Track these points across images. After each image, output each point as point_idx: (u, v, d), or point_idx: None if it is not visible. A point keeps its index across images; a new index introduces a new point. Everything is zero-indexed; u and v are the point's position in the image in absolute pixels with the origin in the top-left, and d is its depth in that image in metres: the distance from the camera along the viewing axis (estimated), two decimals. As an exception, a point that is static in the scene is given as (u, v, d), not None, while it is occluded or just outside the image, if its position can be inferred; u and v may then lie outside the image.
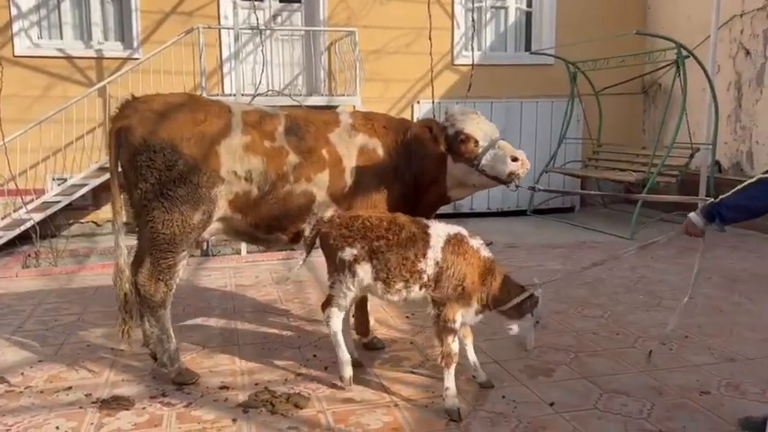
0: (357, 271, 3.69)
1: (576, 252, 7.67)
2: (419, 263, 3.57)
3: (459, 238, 3.63)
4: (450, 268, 3.54)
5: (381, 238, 3.65)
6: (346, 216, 3.86)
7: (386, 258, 3.62)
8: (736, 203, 3.02)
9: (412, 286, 3.62)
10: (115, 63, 9.49)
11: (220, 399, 3.78)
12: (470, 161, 4.08)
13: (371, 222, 3.72)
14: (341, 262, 3.73)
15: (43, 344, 4.77)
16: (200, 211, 3.94)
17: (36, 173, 9.15)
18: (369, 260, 3.67)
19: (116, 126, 3.93)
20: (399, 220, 3.74)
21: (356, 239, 3.69)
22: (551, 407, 3.62)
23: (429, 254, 3.57)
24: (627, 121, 11.56)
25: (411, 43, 10.41)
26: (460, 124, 4.12)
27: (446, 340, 3.55)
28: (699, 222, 3.18)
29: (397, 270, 3.60)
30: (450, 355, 3.54)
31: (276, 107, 4.52)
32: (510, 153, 4.02)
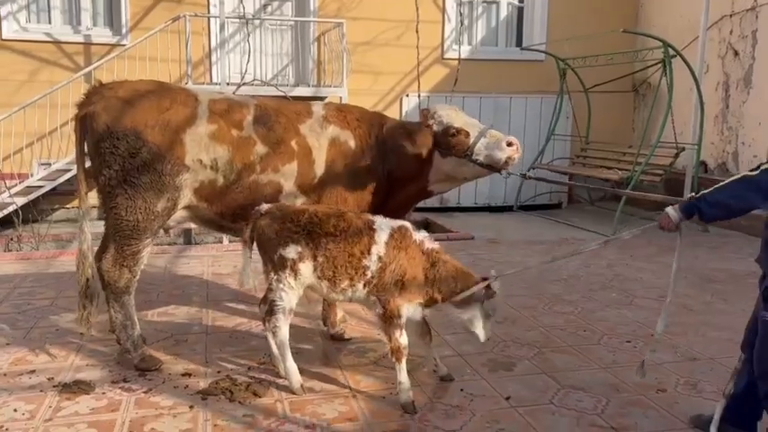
0: (300, 269, 3.54)
1: (557, 248, 7.69)
2: (364, 259, 3.50)
3: (402, 232, 3.58)
4: (392, 263, 3.49)
5: (329, 235, 3.52)
6: (291, 210, 3.69)
7: (333, 256, 3.51)
8: (717, 200, 2.93)
9: (357, 284, 3.54)
10: (104, 49, 9.49)
11: (181, 385, 3.81)
12: (463, 153, 4.11)
13: (319, 218, 3.58)
14: (281, 258, 3.56)
15: (13, 327, 4.79)
16: (164, 199, 3.96)
17: (21, 157, 9.13)
18: (314, 258, 3.53)
19: (81, 112, 3.94)
20: (347, 216, 3.65)
21: (302, 235, 3.53)
22: (507, 401, 3.65)
23: (373, 249, 3.51)
24: (617, 119, 11.56)
25: (401, 36, 10.39)
26: (447, 119, 4.15)
27: (394, 335, 3.51)
28: (675, 217, 3.09)
29: (342, 268, 3.51)
30: (400, 350, 3.51)
31: (251, 97, 4.52)
32: (504, 138, 4.05)
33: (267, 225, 3.60)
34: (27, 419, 3.37)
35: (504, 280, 3.54)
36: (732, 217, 3.06)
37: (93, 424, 3.34)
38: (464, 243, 8.13)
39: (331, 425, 3.36)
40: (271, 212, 3.66)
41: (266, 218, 3.63)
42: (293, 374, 3.70)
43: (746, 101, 9.22)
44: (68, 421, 3.36)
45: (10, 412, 3.45)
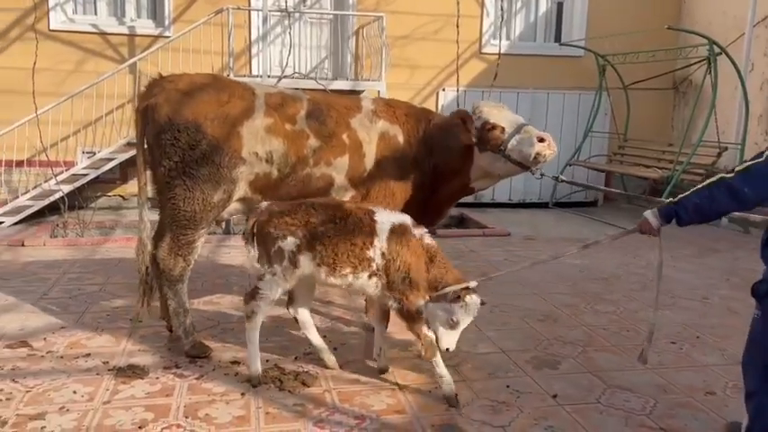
0: (299, 260, 3.58)
1: (596, 247, 7.62)
2: (367, 250, 3.53)
3: (403, 228, 3.60)
4: (397, 259, 3.52)
5: (327, 223, 3.56)
6: (287, 204, 3.74)
7: (333, 243, 3.54)
8: (694, 204, 2.87)
9: (360, 273, 3.56)
10: (146, 40, 9.64)
11: (231, 373, 3.90)
12: (497, 148, 4.11)
13: (315, 208, 3.64)
14: (279, 251, 3.59)
15: (66, 311, 4.94)
16: (220, 191, 4.04)
17: (67, 145, 9.36)
18: (311, 248, 3.57)
19: (143, 104, 4.03)
20: (345, 206, 3.70)
21: (299, 227, 3.58)
22: (554, 399, 3.67)
23: (376, 242, 3.54)
24: (656, 116, 11.41)
25: (439, 30, 10.38)
26: (486, 115, 4.16)
27: (421, 332, 3.53)
28: (654, 222, 3.02)
29: (344, 255, 3.54)
30: (432, 344, 3.52)
31: (300, 90, 4.58)
32: (536, 135, 4.04)
33: (266, 222, 3.64)
34: (86, 401, 3.49)
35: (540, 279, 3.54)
36: (708, 220, 3.00)
37: (149, 408, 3.44)
38: (500, 239, 8.13)
39: (379, 417, 3.41)
40: (269, 209, 3.71)
41: (265, 214, 3.67)
42: (254, 361, 3.74)
43: (793, 100, 9.02)
44: (126, 404, 3.47)
45: (69, 394, 3.57)
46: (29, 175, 8.97)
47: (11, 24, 9.18)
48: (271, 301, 3.70)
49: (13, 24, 9.18)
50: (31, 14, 8.91)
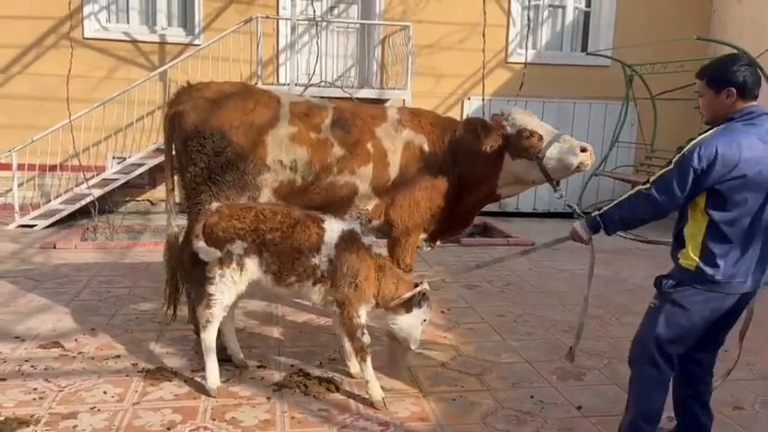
0: (246, 264, 3.60)
1: (620, 258, 7.59)
2: (312, 258, 3.56)
3: (352, 235, 3.63)
4: (344, 265, 3.54)
5: (275, 231, 3.58)
6: (237, 207, 3.74)
7: (278, 251, 3.57)
8: (618, 216, 3.00)
9: (305, 281, 3.60)
10: (177, 48, 9.80)
11: (257, 377, 3.95)
12: (533, 156, 4.12)
13: (264, 215, 3.63)
14: (227, 254, 3.60)
15: (96, 313, 5.04)
16: (245, 197, 4.11)
17: (98, 150, 9.55)
18: (259, 253, 3.59)
19: (171, 111, 4.13)
20: (294, 213, 3.68)
21: (248, 232, 3.58)
22: (579, 410, 3.65)
23: (322, 249, 3.56)
24: (683, 127, 11.20)
25: (465, 39, 10.39)
26: (521, 122, 4.18)
27: (356, 335, 3.58)
28: (584, 234, 3.15)
29: (289, 264, 3.57)
30: (364, 349, 3.57)
31: (325, 99, 4.64)
32: (578, 144, 4.05)
33: (215, 223, 3.64)
34: (116, 402, 3.57)
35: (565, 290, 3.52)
36: (633, 228, 3.25)
37: (177, 410, 3.50)
38: (525, 249, 8.08)
39: (404, 424, 3.44)
40: (219, 211, 3.70)
41: (215, 216, 3.67)
42: (213, 373, 3.70)
43: (826, 112, 8.85)
44: (154, 406, 3.54)
45: (100, 394, 3.65)
46: (61, 179, 9.17)
47: (46, 32, 9.41)
48: (225, 306, 3.68)
49: (49, 32, 9.41)
50: (66, 23, 9.15)
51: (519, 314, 5.37)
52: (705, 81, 2.86)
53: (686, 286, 2.89)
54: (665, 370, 2.99)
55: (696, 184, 2.75)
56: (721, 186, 2.73)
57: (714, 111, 2.86)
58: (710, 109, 2.88)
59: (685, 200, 2.83)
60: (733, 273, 2.82)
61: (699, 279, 2.85)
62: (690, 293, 2.89)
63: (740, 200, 2.75)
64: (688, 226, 2.91)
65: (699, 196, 2.81)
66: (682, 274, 2.91)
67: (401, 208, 4.44)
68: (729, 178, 2.71)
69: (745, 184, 2.72)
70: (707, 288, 2.86)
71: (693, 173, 2.72)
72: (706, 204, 2.80)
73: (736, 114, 2.79)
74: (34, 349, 4.27)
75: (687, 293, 2.89)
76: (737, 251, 2.82)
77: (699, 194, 2.80)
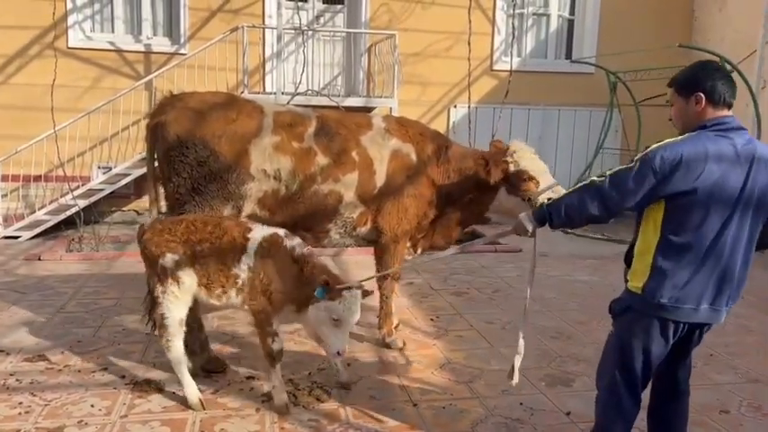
0: (181, 277, 3.54)
1: (608, 264, 7.63)
2: (234, 267, 3.52)
3: (271, 241, 3.55)
4: (260, 272, 3.49)
5: (204, 242, 3.53)
6: (169, 221, 3.71)
7: (206, 263, 3.53)
8: (564, 206, 2.75)
9: (229, 291, 3.56)
10: (162, 58, 9.78)
11: (246, 388, 3.93)
12: (526, 197, 4.26)
13: (195, 226, 3.58)
14: (162, 270, 3.55)
15: (82, 326, 5.00)
16: (229, 206, 4.12)
17: (83, 161, 9.48)
18: (191, 265, 3.54)
19: (153, 121, 4.13)
20: (224, 224, 3.63)
21: (179, 244, 3.54)
22: (568, 416, 3.67)
23: (243, 258, 3.51)
24: (666, 133, 11.31)
25: (450, 47, 10.46)
26: (524, 163, 4.28)
27: (266, 342, 3.55)
28: (529, 225, 2.90)
29: (215, 275, 3.54)
30: (272, 355, 3.54)
31: (310, 108, 4.66)
32: None
33: (148, 239, 3.60)
34: (104, 415, 3.54)
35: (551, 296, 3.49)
36: (577, 225, 2.88)
37: (166, 422, 3.48)
38: (512, 255, 8.13)
39: (394, 433, 3.44)
40: (152, 226, 3.67)
41: (148, 232, 3.63)
42: (191, 389, 3.65)
43: (805, 118, 8.99)
44: (143, 418, 3.51)
45: (87, 407, 3.62)
46: (46, 189, 9.09)
47: (30, 42, 9.35)
48: (178, 321, 3.60)
49: (33, 42, 9.35)
50: (50, 33, 9.10)
51: (507, 321, 5.39)
52: (675, 88, 2.73)
53: (634, 312, 2.71)
54: (627, 403, 2.81)
55: (653, 190, 2.54)
56: (681, 199, 2.53)
57: (684, 119, 2.70)
58: (681, 118, 2.72)
59: (638, 205, 2.61)
60: (680, 296, 2.59)
61: (646, 303, 2.64)
62: (638, 319, 2.70)
63: (700, 216, 2.53)
64: (638, 243, 2.71)
65: (656, 209, 2.61)
66: (630, 298, 2.73)
67: (390, 215, 4.47)
68: (690, 189, 2.50)
69: (707, 198, 2.51)
70: (654, 313, 2.64)
71: (653, 175, 2.52)
72: (663, 218, 2.58)
73: (707, 123, 2.60)
74: (19, 363, 4.23)
75: (635, 319, 2.71)
76: (687, 272, 2.58)
77: (655, 203, 2.59)
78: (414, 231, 4.58)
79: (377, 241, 4.57)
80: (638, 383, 2.81)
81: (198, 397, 3.65)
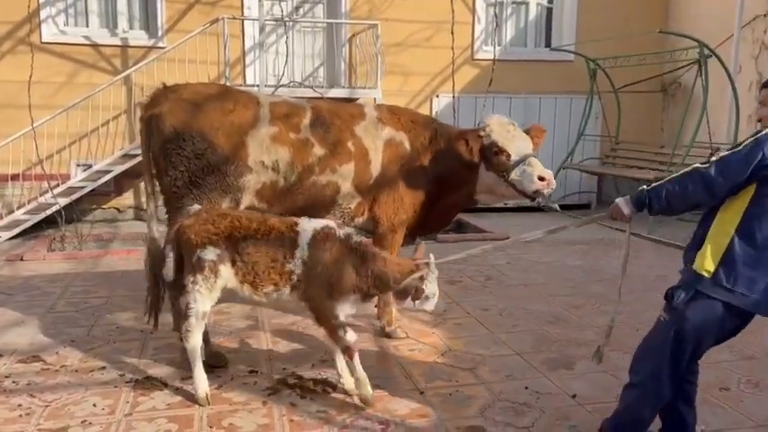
0: (219, 271, 3.45)
1: (595, 249, 7.72)
2: (288, 264, 3.44)
3: (325, 233, 3.50)
4: (317, 266, 3.43)
5: (250, 239, 3.45)
6: (213, 213, 3.62)
7: (253, 261, 3.45)
8: (665, 191, 2.76)
9: (282, 288, 3.48)
10: (140, 51, 9.60)
11: (250, 382, 3.89)
12: (500, 173, 4.18)
13: (240, 222, 3.50)
14: (199, 260, 3.45)
15: (74, 325, 4.90)
16: (227, 199, 4.05)
17: (61, 158, 9.28)
18: (232, 261, 3.46)
19: (147, 114, 4.04)
20: (269, 221, 3.55)
21: (221, 238, 3.45)
22: (574, 398, 3.70)
23: (297, 253, 3.44)
24: (646, 119, 11.55)
25: (431, 37, 10.45)
26: (495, 135, 4.20)
27: (337, 336, 3.46)
28: (626, 210, 2.91)
29: (265, 273, 3.45)
30: (350, 348, 3.46)
31: (302, 99, 4.62)
32: (538, 172, 4.10)
33: (189, 226, 3.51)
34: (108, 414, 3.47)
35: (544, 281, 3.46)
36: (678, 212, 2.94)
37: (172, 419, 3.42)
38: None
39: (404, 421, 3.43)
40: (196, 214, 3.58)
41: (190, 219, 3.55)
42: (201, 383, 3.58)
43: (782, 101, 9.17)
44: (148, 416, 3.45)
45: (89, 407, 3.54)
46: (23, 189, 8.87)
47: (2, 37, 9.10)
48: (202, 314, 3.54)
49: (5, 37, 9.11)
50: (22, 27, 8.88)
51: (503, 307, 5.42)
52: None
53: (699, 298, 2.73)
54: (666, 391, 2.88)
55: (757, 172, 2.59)
56: None
57: None
58: None
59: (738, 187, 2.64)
60: (750, 284, 2.66)
61: (716, 286, 2.68)
62: (703, 305, 2.72)
63: None
64: (714, 225, 2.74)
65: (741, 194, 2.65)
66: (697, 281, 2.73)
67: (386, 204, 4.45)
68: None
69: None
70: (722, 298, 2.69)
71: (763, 158, 2.57)
72: (749, 203, 2.65)
73: None
74: (14, 364, 4.12)
75: (700, 306, 2.73)
76: (762, 261, 2.64)
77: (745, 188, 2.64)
78: (410, 220, 4.56)
79: (374, 231, 4.55)
80: (681, 371, 2.88)
81: (206, 392, 3.59)
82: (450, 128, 4.68)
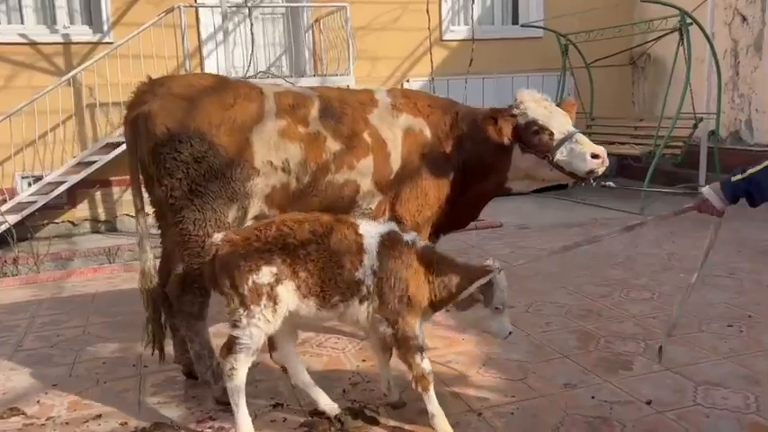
0: (280, 294, 2.90)
1: (599, 230, 7.42)
2: (356, 271, 2.95)
3: (392, 237, 3.05)
4: (391, 276, 2.97)
5: (308, 244, 2.94)
6: (252, 227, 3.08)
7: (318, 267, 2.93)
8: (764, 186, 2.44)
9: (350, 301, 2.99)
10: (84, 48, 8.76)
11: (278, 419, 3.35)
12: (542, 154, 3.71)
13: (290, 227, 2.97)
14: (254, 289, 2.88)
15: (51, 364, 4.23)
16: (234, 208, 3.48)
17: (3, 170, 8.38)
18: (295, 275, 2.93)
19: (133, 113, 3.42)
20: (323, 219, 3.06)
21: (275, 253, 2.91)
22: (649, 405, 3.31)
23: (365, 261, 2.96)
24: (616, 93, 11.38)
25: (398, 18, 9.98)
26: (533, 113, 3.73)
27: (414, 361, 2.99)
28: (719, 205, 2.60)
29: (332, 282, 2.95)
30: (425, 376, 3.00)
31: (306, 87, 4.06)
32: (590, 149, 3.65)
33: (230, 254, 2.94)
34: (118, 478, 2.88)
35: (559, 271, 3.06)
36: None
37: (199, 477, 2.86)
38: (494, 231, 7.82)
39: (471, 452, 2.97)
40: (229, 239, 3.00)
41: (226, 246, 2.97)
42: (245, 427, 3.02)
43: (758, 66, 9.10)
44: (168, 476, 2.88)
45: (93, 471, 2.95)
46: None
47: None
48: (254, 351, 2.97)
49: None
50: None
51: (528, 303, 5.01)
52: None
53: None
54: None
55: None
56: None
57: None
58: None
59: None
60: None
61: None
62: None
63: None
64: None
65: None
66: None
67: (408, 201, 3.94)
68: None
69: None
70: None
71: None
72: None
73: None
74: (-13, 422, 3.46)
75: None
76: None
77: None
78: (435, 217, 4.07)
79: (396, 232, 4.04)
80: None
81: None
82: (475, 109, 4.17)
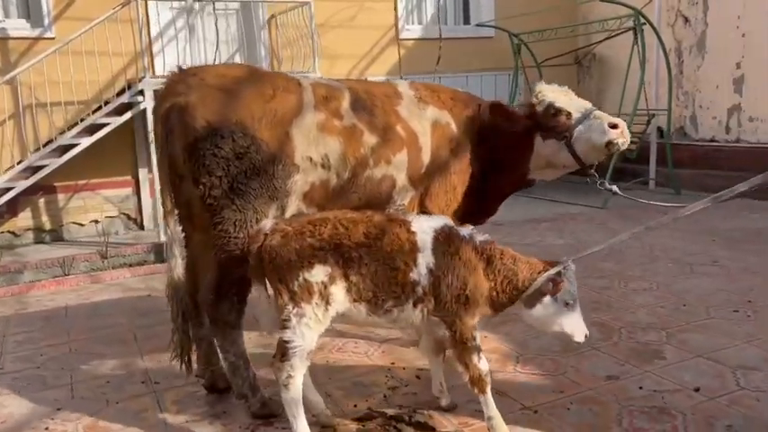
0: (332, 294, 2.77)
1: (569, 224, 7.57)
2: (411, 272, 2.81)
3: (447, 232, 2.90)
4: (448, 274, 2.83)
5: (362, 246, 2.79)
6: (307, 221, 2.90)
7: (371, 272, 2.79)
8: None
9: (405, 304, 2.85)
10: (23, 44, 8.08)
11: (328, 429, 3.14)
12: (561, 135, 3.69)
13: (345, 225, 2.83)
14: (307, 286, 2.74)
15: (46, 386, 3.82)
16: (274, 207, 3.25)
17: (-67, 178, 7.59)
18: (346, 278, 2.80)
19: (166, 105, 3.12)
20: (376, 219, 2.91)
21: (329, 252, 2.78)
22: (698, 392, 3.34)
23: (420, 260, 2.82)
24: (566, 91, 11.68)
25: (354, 17, 9.83)
26: (550, 99, 3.71)
27: (471, 362, 2.87)
28: None
29: (385, 285, 2.81)
30: (482, 378, 2.88)
31: (331, 79, 3.88)
32: (607, 120, 3.66)
33: (281, 245, 2.79)
34: (175, 508, 2.60)
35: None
36: None
37: (267, 499, 2.63)
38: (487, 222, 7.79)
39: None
40: (280, 229, 2.84)
41: (276, 236, 2.82)
42: None
43: (701, 66, 9.58)
44: (232, 501, 2.63)
45: (142, 502, 2.65)
46: None
47: None
48: (308, 353, 2.80)
49: None
50: None
51: (535, 297, 5.00)
52: None
53: None
54: None
55: None
56: None
57: None
58: None
59: None
60: None
61: None
62: None
63: None
64: None
65: None
66: None
67: (437, 196, 3.83)
68: None
69: None
70: None
71: None
72: None
73: None
74: (-6, 457, 3.07)
75: None
76: None
77: None
78: (461, 211, 3.97)
79: (422, 228, 3.91)
80: None
81: None
82: (499, 103, 4.13)
